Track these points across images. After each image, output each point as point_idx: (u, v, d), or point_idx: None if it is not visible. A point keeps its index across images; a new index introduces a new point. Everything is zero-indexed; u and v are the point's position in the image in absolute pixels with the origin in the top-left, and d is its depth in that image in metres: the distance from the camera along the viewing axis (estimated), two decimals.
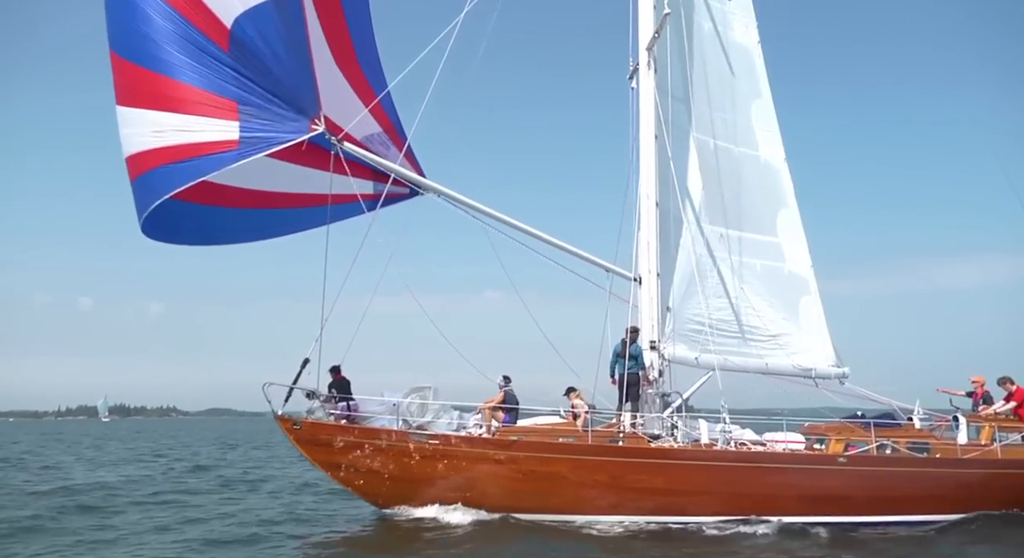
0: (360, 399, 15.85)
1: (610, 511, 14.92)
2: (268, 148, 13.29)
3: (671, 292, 17.89)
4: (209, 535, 14.04)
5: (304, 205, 15.31)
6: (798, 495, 15.14)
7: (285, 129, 13.42)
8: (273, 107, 13.35)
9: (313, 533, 14.65)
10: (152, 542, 13.38)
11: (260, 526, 15.14)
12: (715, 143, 19.77)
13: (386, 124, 17.22)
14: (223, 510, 17.21)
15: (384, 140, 17.22)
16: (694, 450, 15.21)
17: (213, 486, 22.61)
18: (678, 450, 15.14)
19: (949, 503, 15.66)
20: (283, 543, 13.56)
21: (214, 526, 15.16)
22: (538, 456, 14.88)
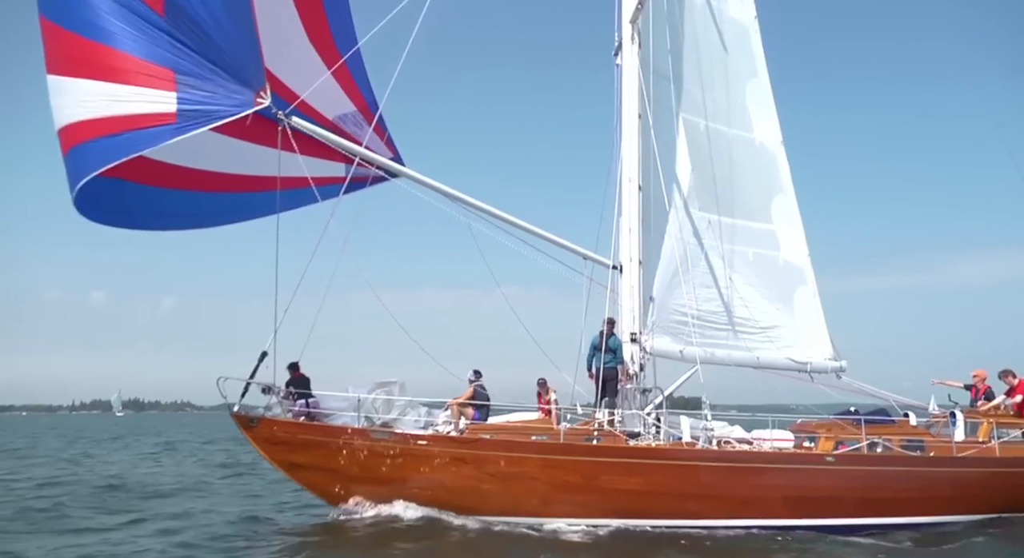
0: (321, 395, 14.96)
1: (583, 514, 13.98)
2: (209, 123, 12.31)
3: (655, 281, 16.86)
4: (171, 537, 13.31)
5: (258, 189, 14.30)
6: (784, 497, 14.16)
7: (228, 102, 12.43)
8: (215, 77, 12.35)
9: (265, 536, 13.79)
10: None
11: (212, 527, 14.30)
12: (706, 124, 18.71)
13: (361, 104, 16.26)
14: (174, 511, 16.30)
15: (358, 120, 16.27)
16: (671, 449, 14.24)
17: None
18: (654, 449, 14.18)
19: (945, 504, 14.66)
20: (235, 546, 12.78)
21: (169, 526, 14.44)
22: (506, 455, 13.94)
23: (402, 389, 15.13)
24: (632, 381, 15.78)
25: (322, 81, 15.52)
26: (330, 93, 15.78)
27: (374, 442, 14.06)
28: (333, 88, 15.82)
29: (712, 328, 17.62)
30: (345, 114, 16.13)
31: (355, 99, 16.17)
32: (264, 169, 14.06)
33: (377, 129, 16.61)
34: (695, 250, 17.74)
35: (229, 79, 12.51)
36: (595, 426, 14.58)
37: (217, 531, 13.84)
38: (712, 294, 17.80)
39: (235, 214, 15.21)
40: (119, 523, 14.80)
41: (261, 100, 12.76)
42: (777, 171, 19.54)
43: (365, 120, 16.33)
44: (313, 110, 15.56)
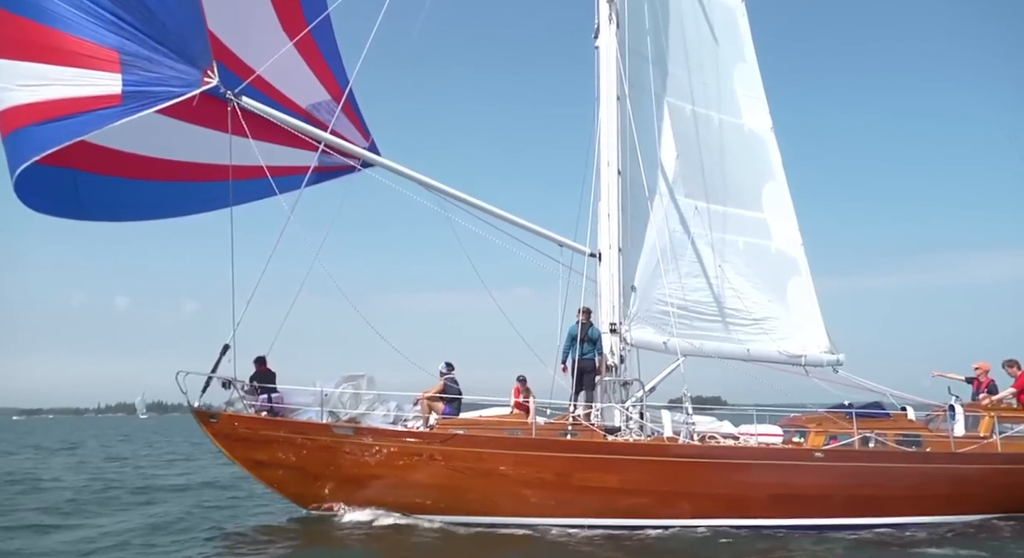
0: (286, 390, 14.37)
1: (557, 513, 13.28)
2: (156, 104, 11.76)
3: (637, 270, 16.15)
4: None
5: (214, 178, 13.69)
6: (770, 495, 13.40)
7: (175, 82, 11.88)
8: (161, 57, 11.81)
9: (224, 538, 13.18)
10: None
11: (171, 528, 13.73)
12: (693, 109, 18.03)
13: (336, 92, 15.71)
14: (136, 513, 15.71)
15: (333, 109, 15.73)
16: (647, 445, 13.53)
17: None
18: (629, 445, 13.48)
19: (942, 503, 13.83)
20: (192, 549, 12.17)
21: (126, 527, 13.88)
22: (475, 451, 13.28)
23: (370, 383, 14.55)
24: (612, 374, 15.03)
25: (295, 69, 15.06)
26: (303, 81, 15.28)
27: (336, 438, 13.44)
28: (307, 76, 15.32)
29: (700, 319, 16.90)
30: (319, 103, 15.59)
31: (330, 88, 15.65)
32: (220, 157, 13.47)
33: (352, 117, 16.09)
34: (681, 238, 17.04)
35: (176, 59, 11.98)
36: (570, 420, 13.86)
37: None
38: (700, 284, 17.09)
39: (191, 205, 14.59)
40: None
41: (208, 79, 12.21)
42: (768, 158, 18.83)
43: (340, 109, 15.84)
44: (286, 98, 15.06)
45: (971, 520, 13.83)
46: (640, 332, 15.69)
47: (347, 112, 15.88)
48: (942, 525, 13.60)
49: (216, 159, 13.35)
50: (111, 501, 17.81)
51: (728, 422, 15.66)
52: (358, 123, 16.26)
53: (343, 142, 14.59)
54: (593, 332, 14.68)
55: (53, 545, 12.22)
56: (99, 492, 19.66)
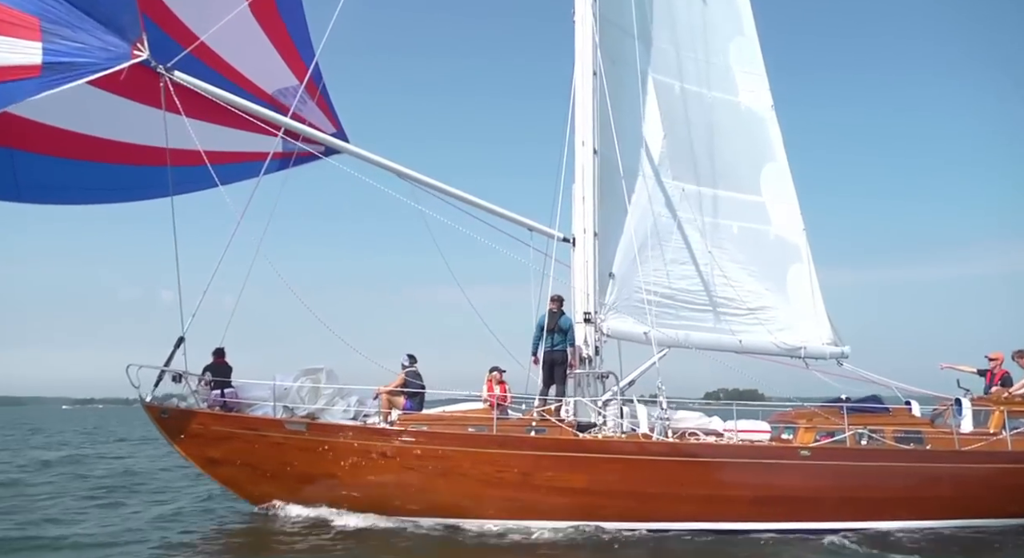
0: (242, 384, 13.65)
1: (519, 515, 12.40)
2: (79, 77, 11.00)
3: (616, 256, 15.14)
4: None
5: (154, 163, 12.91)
6: (751, 497, 12.37)
7: (102, 55, 11.15)
8: (86, 27, 11.08)
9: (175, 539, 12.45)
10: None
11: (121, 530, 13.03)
12: (682, 86, 16.99)
13: (303, 76, 14.94)
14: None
15: (302, 95, 14.99)
16: (616, 442, 12.59)
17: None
18: (595, 442, 12.53)
19: (943, 507, 12.68)
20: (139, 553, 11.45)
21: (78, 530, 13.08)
22: (432, 449, 12.45)
23: (330, 376, 13.74)
24: (586, 366, 14.07)
25: (264, 54, 14.36)
26: (270, 65, 14.54)
27: (288, 435, 12.68)
28: (274, 60, 14.59)
29: (687, 309, 15.87)
30: (286, 88, 14.84)
31: (298, 72, 14.88)
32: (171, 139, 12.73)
33: (319, 102, 15.35)
34: (667, 223, 16.01)
35: (104, 29, 11.26)
36: (535, 416, 12.95)
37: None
38: (688, 271, 16.05)
39: (127, 191, 13.83)
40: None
41: (138, 52, 11.47)
42: (767, 138, 17.69)
43: (309, 95, 15.10)
44: (250, 83, 14.37)
45: (977, 525, 12.67)
46: (618, 322, 14.70)
47: (314, 96, 15.16)
48: (944, 530, 12.48)
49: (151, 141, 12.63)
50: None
51: (718, 418, 14.66)
52: (326, 108, 15.52)
53: (303, 126, 13.64)
54: (564, 321, 13.74)
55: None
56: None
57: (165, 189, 13.23)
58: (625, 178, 15.39)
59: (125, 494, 17.17)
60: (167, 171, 12.93)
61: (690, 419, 14.50)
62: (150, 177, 13.17)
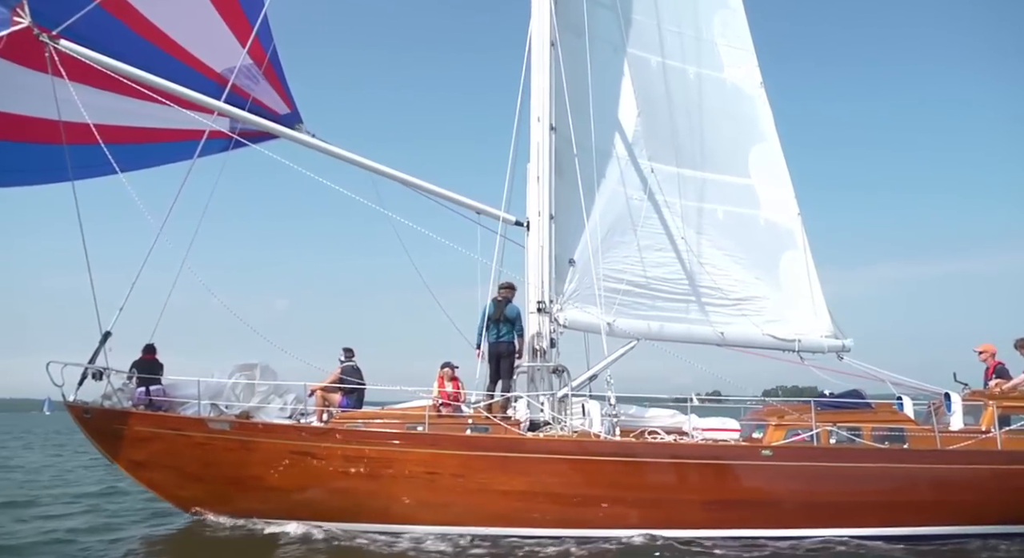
0: (171, 381, 12.88)
1: (453, 520, 11.39)
2: None
3: (580, 241, 14.04)
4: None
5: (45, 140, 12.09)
6: (704, 501, 11.15)
7: None
8: None
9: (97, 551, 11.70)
10: None
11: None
12: (662, 62, 15.85)
13: (258, 54, 14.24)
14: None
15: (254, 74, 14.28)
16: (555, 442, 11.48)
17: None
18: (535, 441, 11.44)
19: (921, 512, 11.30)
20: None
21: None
22: (360, 449, 11.51)
23: (264, 372, 12.92)
24: (538, 360, 12.99)
25: (215, 31, 13.62)
26: (220, 42, 13.77)
27: (210, 435, 11.86)
28: (224, 36, 13.81)
29: (663, 298, 14.70)
30: (237, 67, 14.10)
31: (251, 49, 14.13)
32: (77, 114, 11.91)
33: (273, 80, 14.58)
34: (641, 206, 14.85)
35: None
36: (469, 412, 11.94)
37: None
38: (664, 258, 14.88)
39: (18, 174, 12.98)
40: None
41: (19, 19, 10.78)
42: (755, 117, 16.46)
43: (261, 73, 14.36)
44: (196, 60, 13.63)
45: (960, 533, 11.25)
46: (578, 312, 13.57)
47: (267, 73, 14.41)
48: (922, 539, 11.09)
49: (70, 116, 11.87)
50: None
51: (693, 417, 13.47)
52: (279, 86, 14.73)
53: (224, 105, 12.72)
54: (511, 310, 12.69)
55: None
56: None
57: (64, 172, 12.37)
58: (592, 158, 14.41)
59: (49, 501, 16.09)
60: (64, 150, 12.12)
61: (661, 418, 13.41)
62: (44, 157, 12.30)
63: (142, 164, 13.17)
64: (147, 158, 13.04)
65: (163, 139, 12.95)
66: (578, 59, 14.45)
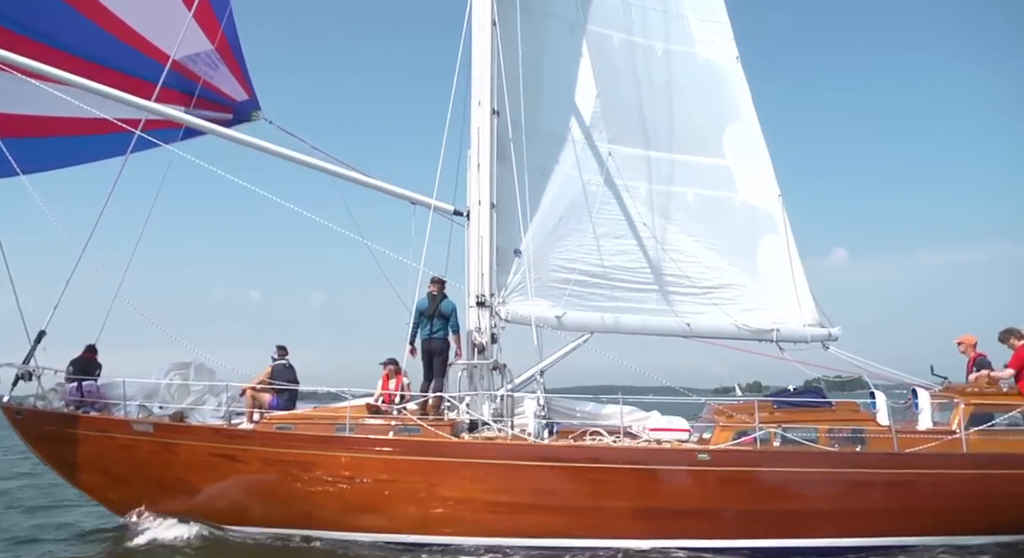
0: (106, 382, 12.60)
1: (375, 527, 10.88)
2: None
3: (529, 230, 13.29)
4: None
5: None
6: (635, 510, 10.36)
7: None
8: None
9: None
10: None
11: None
12: (626, 39, 14.96)
13: (221, 42, 13.89)
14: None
15: (214, 61, 13.92)
16: (474, 445, 10.86)
17: None
18: (455, 445, 10.81)
19: (872, 522, 10.35)
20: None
21: None
22: (279, 452, 11.05)
23: (199, 371, 12.56)
24: (477, 356, 12.33)
25: (168, 11, 13.24)
26: (177, 25, 13.31)
27: (134, 437, 11.53)
28: (182, 19, 13.36)
29: (624, 288, 13.91)
30: (197, 54, 13.75)
31: (212, 33, 13.77)
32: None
33: (233, 66, 14.20)
34: (599, 191, 14.07)
35: None
36: (394, 413, 11.36)
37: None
38: (625, 246, 14.07)
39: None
40: None
41: None
42: (731, 94, 15.46)
43: (222, 60, 13.99)
44: (152, 47, 13.24)
45: (919, 544, 10.29)
46: (522, 305, 12.85)
47: (226, 59, 14.05)
48: (876, 550, 10.16)
49: None
50: None
51: (655, 413, 12.74)
52: (239, 73, 14.34)
53: (122, 94, 11.87)
54: (445, 306, 12.04)
55: None
56: None
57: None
58: (543, 142, 13.70)
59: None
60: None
61: (615, 416, 12.66)
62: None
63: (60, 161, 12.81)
64: (71, 154, 12.64)
65: (88, 132, 12.54)
66: (529, 38, 13.69)
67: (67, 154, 12.91)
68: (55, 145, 12.47)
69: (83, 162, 13.26)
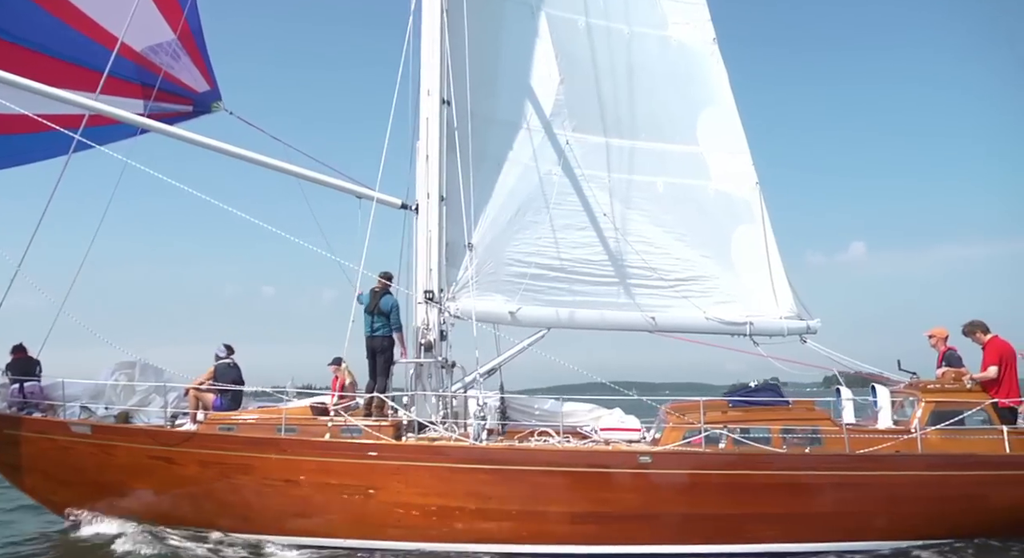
0: (48, 382, 12.41)
1: (311, 532, 10.59)
2: None
3: (480, 223, 12.88)
4: None
5: None
6: (575, 514, 9.94)
7: None
8: None
9: None
10: None
11: None
12: (588, 22, 14.39)
13: (183, 31, 13.59)
14: None
15: (176, 50, 13.62)
16: (406, 447, 10.48)
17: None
18: (391, 446, 10.42)
19: (820, 526, 9.83)
20: None
21: None
22: (217, 453, 10.80)
23: (144, 371, 12.35)
24: (425, 354, 11.95)
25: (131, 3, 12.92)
26: (142, 17, 13.02)
27: (74, 438, 11.36)
28: (149, 11, 13.11)
29: (585, 282, 13.44)
30: (159, 44, 13.44)
31: (175, 24, 13.46)
32: None
33: (195, 56, 13.90)
34: (560, 182, 13.58)
35: None
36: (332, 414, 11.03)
37: None
38: (587, 238, 13.60)
39: None
40: None
41: None
42: (706, 78, 14.85)
43: (184, 49, 13.68)
44: (110, 37, 12.94)
45: (871, 549, 9.76)
46: (472, 301, 12.41)
47: (189, 49, 13.74)
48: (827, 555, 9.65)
49: None
50: None
51: (618, 411, 12.33)
52: (201, 63, 14.01)
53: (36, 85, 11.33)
54: (385, 302, 11.67)
55: None
56: None
57: None
58: (500, 132, 13.28)
59: None
60: None
61: (578, 414, 12.29)
62: None
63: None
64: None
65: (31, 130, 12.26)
66: (486, 23, 13.25)
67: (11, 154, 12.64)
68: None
69: (28, 162, 13.00)
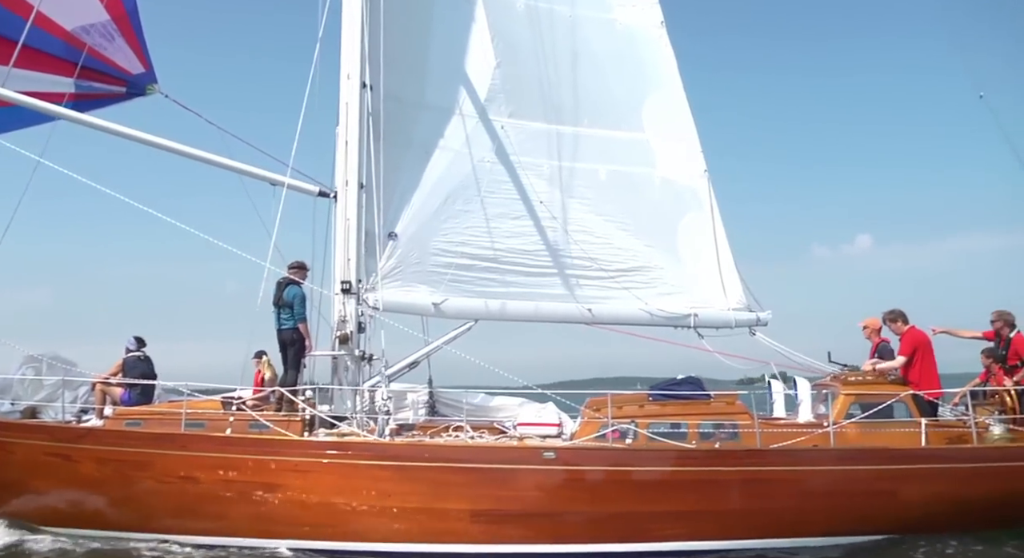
0: None
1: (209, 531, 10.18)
2: None
3: (405, 212, 12.45)
4: None
5: None
6: (472, 512, 9.49)
7: None
8: None
9: None
10: None
11: None
12: (529, 4, 13.95)
13: (117, 11, 13.17)
14: None
15: (110, 31, 13.19)
16: (309, 443, 10.05)
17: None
18: (290, 442, 10.00)
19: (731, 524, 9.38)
20: None
21: None
22: (115, 450, 10.40)
23: (52, 366, 11.95)
24: (341, 347, 11.52)
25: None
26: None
27: None
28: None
29: (519, 273, 12.98)
30: (91, 24, 13.01)
31: (110, 5, 13.05)
32: None
33: (130, 37, 13.44)
34: (494, 169, 13.16)
35: None
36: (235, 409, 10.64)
37: None
38: (522, 227, 13.14)
39: None
40: None
41: None
42: (653, 62, 14.38)
43: (119, 31, 13.25)
44: (44, 18, 12.54)
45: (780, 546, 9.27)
46: (394, 292, 11.98)
47: (123, 30, 13.28)
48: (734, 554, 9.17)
49: None
50: None
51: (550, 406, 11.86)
52: (136, 45, 13.55)
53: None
54: (289, 294, 11.24)
55: None
56: None
57: None
58: (430, 117, 12.92)
59: None
60: None
61: (507, 408, 11.87)
62: None
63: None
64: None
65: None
66: (414, 4, 12.83)
67: None
68: None
69: None
